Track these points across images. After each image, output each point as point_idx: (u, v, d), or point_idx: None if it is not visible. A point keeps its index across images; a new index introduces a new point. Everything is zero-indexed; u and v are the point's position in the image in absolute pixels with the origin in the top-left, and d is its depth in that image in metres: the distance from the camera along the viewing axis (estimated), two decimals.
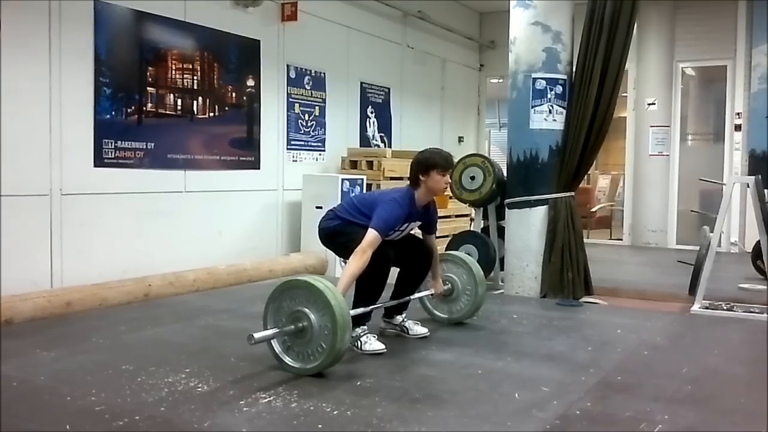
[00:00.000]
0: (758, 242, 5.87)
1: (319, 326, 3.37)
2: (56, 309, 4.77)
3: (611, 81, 5.52)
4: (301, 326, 3.40)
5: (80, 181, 5.36)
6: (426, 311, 4.69)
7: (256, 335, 3.36)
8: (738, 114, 9.58)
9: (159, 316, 4.79)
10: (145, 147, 5.87)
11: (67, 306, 4.85)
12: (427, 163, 3.99)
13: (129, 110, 5.75)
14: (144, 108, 5.88)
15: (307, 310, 3.40)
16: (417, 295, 4.46)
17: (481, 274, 4.59)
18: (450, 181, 4.19)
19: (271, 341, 3.50)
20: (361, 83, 8.73)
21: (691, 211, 8.71)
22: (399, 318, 4.31)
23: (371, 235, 3.75)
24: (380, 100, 9.08)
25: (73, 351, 3.86)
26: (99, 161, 5.51)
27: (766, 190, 5.79)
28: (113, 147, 5.61)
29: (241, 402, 3.01)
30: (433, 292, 4.49)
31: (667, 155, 9.94)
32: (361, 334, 3.89)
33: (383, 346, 3.86)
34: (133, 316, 4.78)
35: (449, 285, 4.59)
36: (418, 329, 4.28)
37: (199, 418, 2.82)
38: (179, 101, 6.20)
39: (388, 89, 9.17)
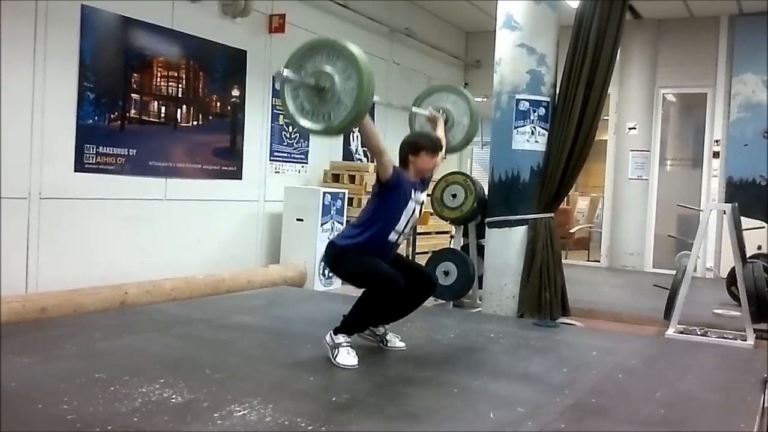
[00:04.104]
0: (733, 268, 5.95)
1: (342, 89, 3.42)
2: (30, 314, 4.72)
3: (593, 105, 5.58)
4: (323, 86, 3.42)
5: (60, 186, 5.32)
6: None
7: (285, 72, 3.44)
8: (716, 141, 9.74)
9: (135, 325, 4.75)
10: (126, 153, 5.84)
11: (42, 312, 4.80)
12: (416, 145, 4.10)
13: (112, 116, 5.73)
14: (127, 114, 5.86)
15: (331, 71, 3.44)
16: (414, 109, 4.75)
17: (476, 111, 4.82)
18: (438, 163, 4.26)
19: (286, 101, 3.55)
20: None
21: (668, 236, 8.81)
22: (381, 329, 4.28)
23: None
24: None
25: (46, 357, 3.80)
26: (80, 166, 5.48)
27: (742, 218, 5.88)
28: (95, 152, 5.59)
29: (215, 414, 2.99)
30: (428, 114, 4.73)
31: (646, 179, 10.07)
32: (343, 343, 3.87)
33: (355, 363, 3.83)
34: (108, 324, 4.73)
35: (445, 115, 4.77)
36: (397, 343, 4.27)
37: (172, 429, 2.80)
38: (163, 109, 6.19)
39: (373, 104, 9.18)
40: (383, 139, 3.94)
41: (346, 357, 3.84)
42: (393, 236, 4.01)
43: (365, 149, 9.11)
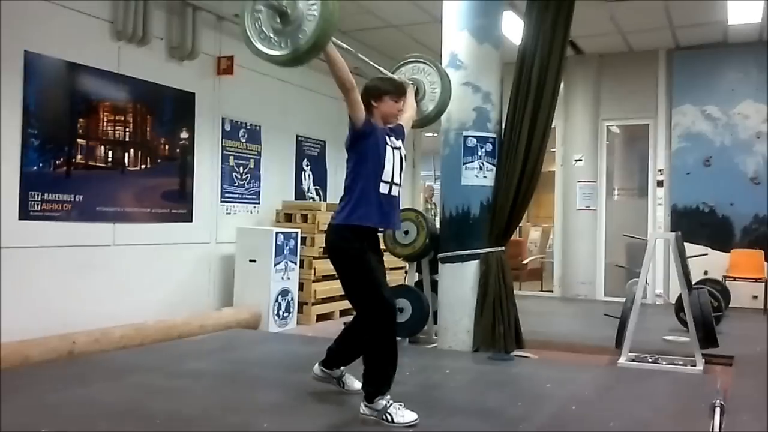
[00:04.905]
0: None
1: (303, 14, 3.34)
2: None
3: (539, 139, 5.70)
4: (285, 9, 3.35)
5: (4, 235, 5.20)
6: None
7: None
8: (660, 170, 10.01)
9: (84, 375, 4.62)
10: (73, 199, 5.75)
11: None
12: (379, 89, 3.92)
13: (57, 162, 5.65)
14: (73, 160, 5.78)
15: None
16: (383, 70, 4.61)
17: (445, 99, 4.92)
18: (402, 108, 4.07)
19: (245, 24, 3.51)
20: (297, 136, 8.78)
21: (616, 266, 8.99)
22: (337, 371, 4.14)
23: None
24: (316, 153, 9.15)
25: None
26: (24, 214, 5.37)
27: (687, 244, 6.03)
28: (40, 199, 5.49)
29: None
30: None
31: (595, 209, 10.27)
32: (387, 406, 3.55)
33: (416, 416, 3.54)
34: (56, 375, 4.60)
35: (416, 87, 4.72)
36: (355, 384, 4.09)
37: None
38: (110, 153, 6.12)
39: (324, 142, 9.25)
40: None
41: (403, 415, 3.54)
42: (384, 187, 3.76)
43: (317, 188, 9.14)
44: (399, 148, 3.91)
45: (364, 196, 3.72)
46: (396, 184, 3.84)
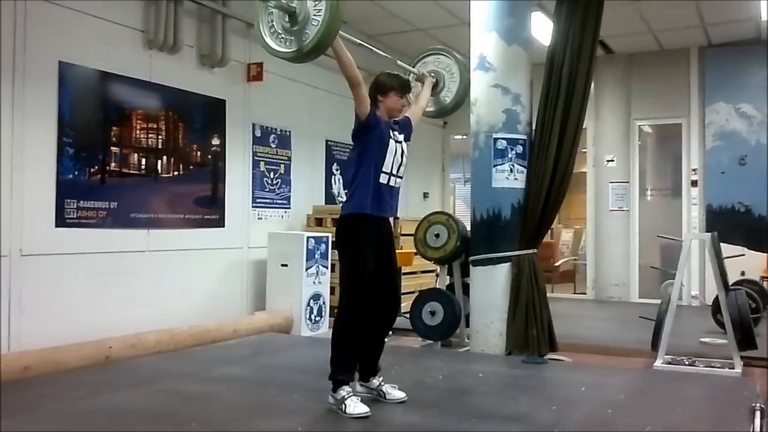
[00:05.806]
0: (718, 296, 5.97)
1: (309, 17, 3.49)
2: (13, 373, 4.64)
3: (569, 141, 5.65)
4: (294, 9, 3.51)
5: (41, 242, 5.29)
6: None
7: None
8: (694, 170, 9.87)
9: (118, 381, 4.67)
10: (108, 206, 5.83)
11: (25, 370, 4.73)
12: (385, 85, 4.08)
13: (92, 170, 5.74)
14: (107, 167, 5.87)
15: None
16: (400, 64, 4.68)
17: (466, 73, 4.94)
18: (407, 104, 4.26)
19: (258, 19, 3.69)
20: (327, 141, 8.82)
21: (651, 267, 8.87)
22: (375, 381, 4.09)
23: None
24: (346, 158, 9.16)
25: (24, 419, 3.71)
26: (60, 221, 5.46)
27: (723, 245, 5.93)
28: (75, 207, 5.57)
29: None
30: (417, 73, 4.77)
31: (627, 210, 10.15)
32: (346, 396, 3.73)
33: (367, 410, 3.71)
34: (91, 381, 4.65)
35: (435, 79, 4.81)
36: (396, 393, 4.07)
37: None
38: (143, 160, 6.20)
39: (353, 146, 9.24)
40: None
41: (356, 406, 3.71)
42: (384, 178, 3.94)
43: (347, 192, 9.14)
44: (401, 143, 4.09)
45: (363, 185, 3.91)
46: (395, 176, 4.03)
